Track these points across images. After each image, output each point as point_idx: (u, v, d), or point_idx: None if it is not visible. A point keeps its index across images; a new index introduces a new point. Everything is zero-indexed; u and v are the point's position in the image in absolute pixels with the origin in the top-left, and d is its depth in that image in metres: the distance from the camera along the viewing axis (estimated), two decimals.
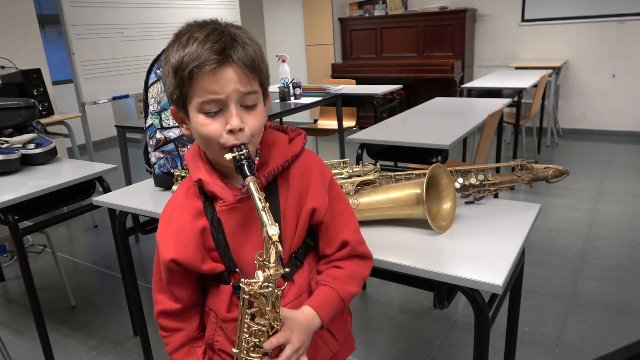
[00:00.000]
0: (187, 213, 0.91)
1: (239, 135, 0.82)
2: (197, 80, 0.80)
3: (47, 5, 5.90)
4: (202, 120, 0.83)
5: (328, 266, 0.96)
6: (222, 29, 0.82)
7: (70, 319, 2.40)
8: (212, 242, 0.90)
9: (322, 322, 0.90)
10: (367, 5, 6.14)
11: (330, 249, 0.96)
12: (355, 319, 2.26)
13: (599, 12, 4.98)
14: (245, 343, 0.82)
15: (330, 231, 0.95)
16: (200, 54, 0.79)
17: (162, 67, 0.86)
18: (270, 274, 0.77)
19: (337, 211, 0.96)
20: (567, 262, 2.62)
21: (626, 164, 4.28)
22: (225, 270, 0.92)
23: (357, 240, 0.97)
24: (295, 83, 3.56)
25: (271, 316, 0.81)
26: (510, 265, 1.05)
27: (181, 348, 0.98)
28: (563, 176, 1.39)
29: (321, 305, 0.91)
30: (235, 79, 0.81)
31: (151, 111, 1.66)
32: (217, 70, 0.80)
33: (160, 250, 0.92)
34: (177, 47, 0.81)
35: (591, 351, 1.94)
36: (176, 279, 0.93)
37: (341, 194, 1.00)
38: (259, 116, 0.85)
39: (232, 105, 0.82)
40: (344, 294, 0.93)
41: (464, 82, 5.27)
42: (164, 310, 0.97)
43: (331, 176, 0.98)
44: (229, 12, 4.71)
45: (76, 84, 3.40)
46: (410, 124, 2.64)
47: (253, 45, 0.83)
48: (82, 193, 2.04)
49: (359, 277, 0.97)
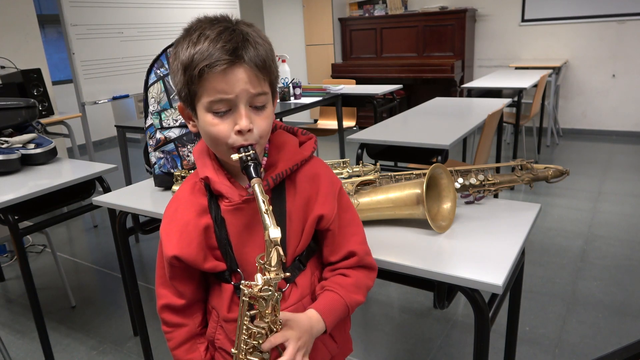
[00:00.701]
0: (192, 210, 0.91)
1: (248, 136, 0.82)
2: (207, 80, 0.79)
3: (47, 5, 5.91)
4: (211, 119, 0.82)
5: (334, 273, 0.96)
6: (233, 27, 0.80)
7: (70, 319, 2.40)
8: (214, 240, 0.90)
9: (326, 327, 0.90)
10: (367, 5, 6.14)
11: (335, 257, 0.96)
12: (355, 319, 2.26)
13: (599, 12, 4.98)
14: (244, 344, 0.82)
15: (337, 240, 0.95)
16: (212, 53, 0.77)
17: (171, 62, 0.85)
18: (271, 278, 0.77)
19: (345, 221, 0.96)
20: (567, 262, 2.62)
21: (626, 164, 4.28)
22: (227, 270, 0.91)
23: (365, 252, 0.97)
24: (295, 83, 3.57)
25: (271, 319, 0.81)
26: (510, 265, 1.05)
27: (184, 344, 0.98)
28: (563, 176, 1.39)
29: (326, 311, 0.90)
30: (246, 79, 0.80)
31: (151, 111, 1.66)
32: (228, 70, 0.78)
33: (163, 246, 0.92)
34: (188, 44, 0.80)
35: (591, 351, 1.94)
36: (179, 275, 0.93)
37: (350, 204, 0.99)
38: (267, 117, 0.85)
39: (242, 106, 0.81)
40: (349, 302, 0.93)
41: (464, 82, 5.27)
42: (167, 304, 0.96)
43: (340, 186, 0.97)
44: (229, 12, 4.68)
45: (76, 84, 3.40)
46: (410, 124, 2.64)
47: (264, 45, 0.82)
48: (82, 193, 2.04)
49: (364, 287, 0.97)
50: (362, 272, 0.97)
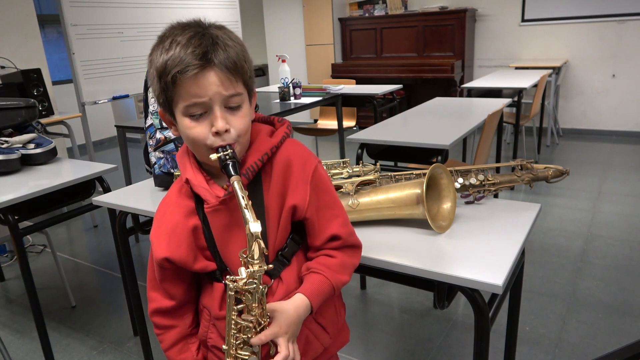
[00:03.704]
0: (180, 212, 0.92)
1: (225, 136, 0.84)
2: (180, 85, 0.81)
3: (47, 5, 5.91)
4: (188, 123, 0.84)
5: (319, 254, 0.96)
6: (203, 32, 0.82)
7: (70, 319, 2.40)
8: (204, 240, 0.92)
9: (312, 309, 0.91)
10: (367, 5, 6.14)
11: (319, 242, 0.95)
12: (355, 318, 2.26)
13: (599, 12, 4.98)
14: (234, 340, 0.84)
15: (317, 225, 0.94)
16: (183, 58, 0.79)
17: (148, 69, 0.87)
18: (254, 270, 0.79)
19: (323, 203, 0.94)
20: (567, 262, 2.62)
21: (626, 164, 4.28)
22: (217, 269, 0.93)
23: (348, 233, 0.97)
24: (295, 83, 3.56)
25: (258, 312, 0.82)
26: (510, 265, 1.05)
27: (175, 345, 1.00)
28: (563, 176, 1.39)
29: (312, 293, 0.91)
30: (218, 82, 0.81)
31: (151, 111, 1.66)
32: (199, 74, 0.80)
33: (153, 249, 0.93)
34: (161, 51, 0.82)
35: (591, 351, 1.94)
36: (169, 277, 0.95)
37: (328, 185, 0.96)
38: (244, 116, 0.87)
39: (217, 108, 0.83)
40: (335, 283, 0.94)
41: (464, 82, 5.27)
42: (157, 308, 0.98)
43: (314, 168, 0.93)
44: (229, 12, 4.72)
45: (76, 84, 3.40)
46: (410, 124, 2.64)
47: (235, 46, 0.84)
48: (82, 193, 2.04)
49: (350, 266, 0.98)
50: (347, 252, 0.97)
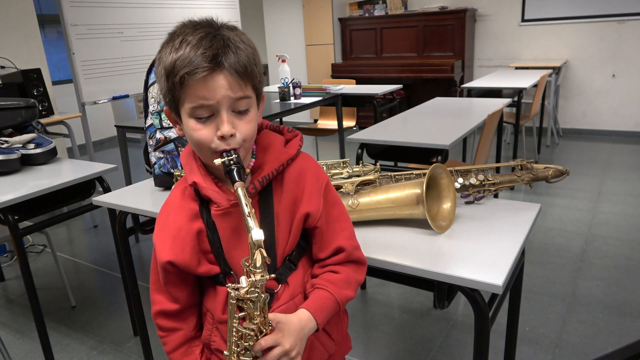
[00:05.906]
0: (184, 215, 0.92)
1: (230, 140, 0.83)
2: (188, 86, 0.80)
3: (47, 5, 5.91)
4: (194, 125, 0.83)
5: (323, 270, 0.96)
6: (215, 33, 0.81)
7: (70, 319, 2.40)
8: (207, 244, 0.91)
9: (318, 325, 0.90)
10: (367, 5, 6.14)
11: (324, 254, 0.96)
12: (355, 319, 2.26)
13: (599, 12, 4.98)
14: (235, 346, 0.83)
15: (324, 236, 0.95)
16: (192, 60, 0.78)
17: (156, 67, 0.86)
18: (256, 280, 0.78)
19: (332, 217, 0.96)
20: (567, 262, 2.62)
21: (626, 164, 4.28)
22: (221, 273, 0.92)
23: (353, 247, 0.97)
24: (295, 83, 3.56)
25: (259, 320, 0.81)
26: (510, 265, 1.05)
27: (179, 348, 0.99)
28: (563, 176, 1.39)
29: (317, 309, 0.91)
30: (226, 85, 0.80)
31: (151, 111, 1.66)
32: (208, 77, 0.79)
33: (157, 252, 0.93)
34: (170, 50, 0.81)
35: (591, 351, 1.94)
36: (173, 280, 0.94)
37: (337, 199, 0.99)
38: (251, 121, 0.85)
39: (223, 112, 0.82)
40: (340, 298, 0.93)
41: (464, 82, 5.27)
42: (161, 310, 0.97)
43: (327, 181, 0.97)
44: (229, 12, 4.72)
45: (76, 84, 3.40)
46: (410, 124, 2.64)
47: (247, 49, 0.83)
48: (82, 193, 2.04)
49: (355, 282, 0.97)
50: (351, 267, 0.97)
